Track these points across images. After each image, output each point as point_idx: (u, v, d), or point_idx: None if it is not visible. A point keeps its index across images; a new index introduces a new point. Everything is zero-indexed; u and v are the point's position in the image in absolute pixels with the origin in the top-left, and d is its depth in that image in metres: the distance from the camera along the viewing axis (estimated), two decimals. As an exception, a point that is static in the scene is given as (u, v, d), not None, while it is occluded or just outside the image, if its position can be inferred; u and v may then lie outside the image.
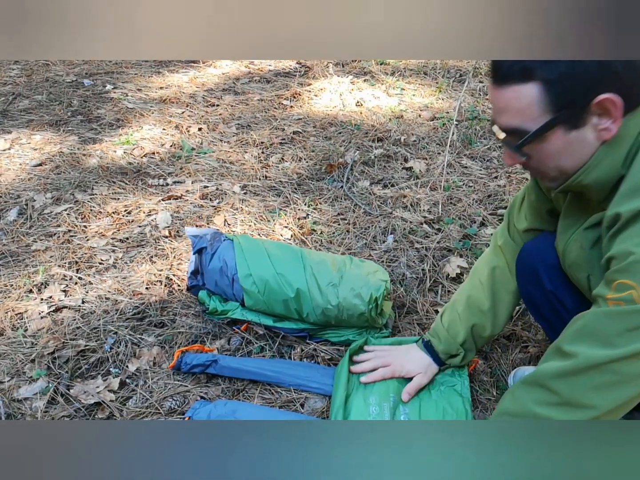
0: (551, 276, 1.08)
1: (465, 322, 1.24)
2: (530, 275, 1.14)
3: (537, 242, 1.15)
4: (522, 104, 0.82)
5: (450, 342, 1.26)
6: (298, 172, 2.29)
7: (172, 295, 1.62)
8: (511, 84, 0.82)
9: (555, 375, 0.82)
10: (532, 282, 1.14)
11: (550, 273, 1.08)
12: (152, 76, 3.26)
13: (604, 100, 0.78)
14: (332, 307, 1.40)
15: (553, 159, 0.87)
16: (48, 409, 1.27)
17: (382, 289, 1.42)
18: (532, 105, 0.81)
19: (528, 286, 1.16)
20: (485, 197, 2.14)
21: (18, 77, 3.16)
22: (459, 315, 1.26)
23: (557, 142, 0.84)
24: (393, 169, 2.35)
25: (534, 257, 1.13)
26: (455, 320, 1.26)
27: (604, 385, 0.78)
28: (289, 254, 1.49)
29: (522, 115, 0.83)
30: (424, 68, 3.41)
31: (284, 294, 1.41)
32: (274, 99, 2.97)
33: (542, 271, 1.10)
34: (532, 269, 1.13)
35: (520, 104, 0.82)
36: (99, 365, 1.40)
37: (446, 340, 1.27)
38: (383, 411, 1.21)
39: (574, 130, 0.82)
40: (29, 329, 1.49)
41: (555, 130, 0.83)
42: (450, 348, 1.27)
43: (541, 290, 1.12)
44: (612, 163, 0.84)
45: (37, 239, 1.84)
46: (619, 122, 0.81)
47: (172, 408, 1.28)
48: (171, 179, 2.21)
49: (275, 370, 1.34)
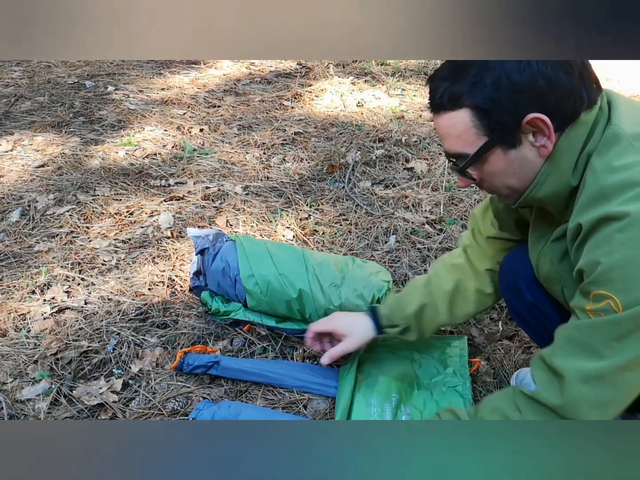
0: (531, 289, 1.09)
1: (420, 298, 1.21)
2: (512, 288, 1.15)
3: (516, 255, 1.15)
4: (458, 130, 0.85)
5: (396, 311, 1.22)
6: (299, 172, 2.29)
7: (174, 296, 1.62)
8: (444, 111, 0.86)
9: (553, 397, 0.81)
10: (514, 294, 1.14)
11: (530, 286, 1.09)
12: (154, 77, 3.26)
13: (533, 119, 0.81)
14: (334, 308, 1.40)
15: (499, 178, 0.90)
16: (51, 410, 1.27)
17: (385, 290, 1.42)
18: (467, 130, 0.85)
19: (511, 299, 1.17)
20: (486, 197, 2.14)
21: (20, 79, 3.16)
22: (417, 289, 1.23)
23: (498, 162, 0.87)
24: (394, 169, 2.35)
25: (514, 270, 1.14)
26: (411, 293, 1.23)
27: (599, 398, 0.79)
28: (291, 255, 1.49)
29: (461, 140, 0.86)
30: (425, 69, 3.41)
31: (287, 294, 1.41)
32: (275, 100, 2.97)
33: (522, 284, 1.11)
34: (513, 281, 1.14)
35: (457, 130, 0.86)
36: (101, 366, 1.40)
37: (392, 307, 1.23)
38: (384, 411, 1.21)
39: (512, 149, 0.85)
40: (32, 330, 1.49)
41: (494, 151, 0.86)
42: (394, 316, 1.22)
43: (523, 302, 1.12)
44: (560, 176, 0.86)
45: (39, 240, 1.85)
46: (553, 138, 0.83)
47: (175, 409, 1.28)
48: (173, 180, 2.21)
49: (277, 372, 1.34)
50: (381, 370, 1.33)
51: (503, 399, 0.90)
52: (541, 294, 1.07)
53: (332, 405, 1.30)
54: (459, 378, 1.32)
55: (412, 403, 1.26)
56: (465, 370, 1.34)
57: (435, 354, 1.40)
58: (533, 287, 1.08)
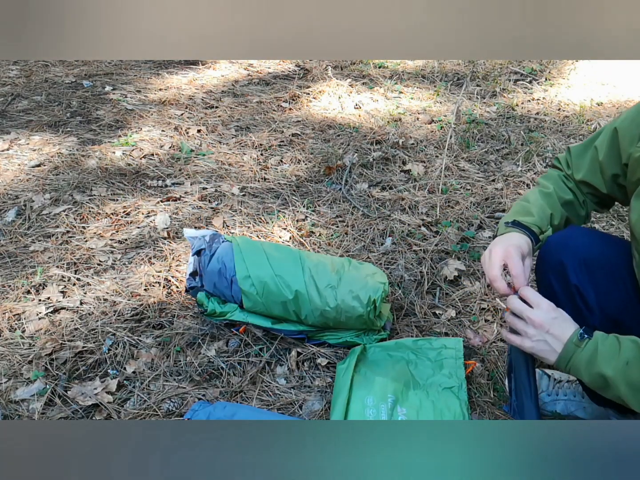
0: (578, 271, 1.06)
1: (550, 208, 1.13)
2: (555, 266, 1.10)
3: (568, 234, 1.12)
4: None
5: (543, 218, 1.13)
6: (297, 174, 2.30)
7: (170, 297, 1.62)
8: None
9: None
10: (557, 274, 1.10)
11: (578, 267, 1.06)
12: (151, 78, 3.26)
13: None
14: (330, 309, 1.40)
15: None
16: (45, 411, 1.27)
17: (381, 291, 1.42)
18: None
19: (550, 276, 1.11)
20: (482, 200, 2.15)
21: (17, 78, 3.16)
22: (541, 201, 1.14)
23: None
24: (391, 171, 2.35)
25: (562, 247, 1.10)
26: (537, 204, 1.14)
27: None
28: (288, 256, 1.49)
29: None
30: (422, 71, 3.42)
31: (283, 295, 1.41)
32: (273, 101, 2.97)
33: (570, 264, 1.07)
34: (558, 259, 1.09)
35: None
36: (96, 366, 1.40)
37: (538, 217, 1.12)
38: (380, 412, 1.21)
39: None
40: (27, 330, 1.48)
41: None
42: (543, 223, 1.12)
43: (564, 283, 1.09)
44: None
45: (35, 239, 1.84)
46: None
47: (170, 410, 1.28)
48: (170, 180, 2.21)
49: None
50: (377, 371, 1.33)
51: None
52: (588, 279, 1.05)
53: (327, 406, 1.30)
54: (454, 379, 1.32)
55: (408, 403, 1.26)
56: (460, 371, 1.35)
57: (431, 355, 1.40)
58: (580, 269, 1.06)
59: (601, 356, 0.91)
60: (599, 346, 0.92)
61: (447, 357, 1.39)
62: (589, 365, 0.92)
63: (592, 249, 1.08)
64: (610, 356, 0.90)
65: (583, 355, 0.93)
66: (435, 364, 1.38)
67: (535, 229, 1.10)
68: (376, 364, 1.37)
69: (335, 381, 1.32)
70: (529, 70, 3.40)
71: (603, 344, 0.92)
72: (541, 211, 1.12)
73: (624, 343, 0.91)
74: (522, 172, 2.33)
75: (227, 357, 1.43)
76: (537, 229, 1.10)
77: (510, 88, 3.18)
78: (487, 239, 1.92)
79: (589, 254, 1.06)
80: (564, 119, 2.83)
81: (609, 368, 0.90)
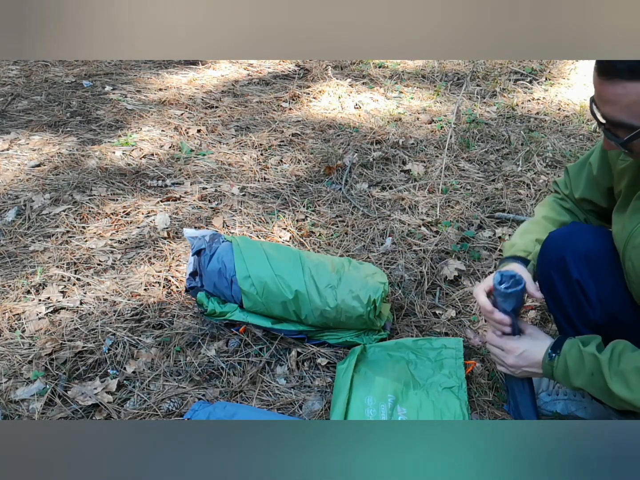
0: (580, 265, 1.08)
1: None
2: (557, 263, 1.11)
3: (569, 230, 1.14)
4: (630, 100, 0.82)
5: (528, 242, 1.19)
6: (297, 174, 2.30)
7: (170, 297, 1.62)
8: (620, 79, 0.82)
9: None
10: (558, 270, 1.11)
11: (580, 262, 1.07)
12: (151, 78, 3.26)
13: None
14: (330, 309, 1.40)
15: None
16: (45, 411, 1.27)
17: (381, 291, 1.42)
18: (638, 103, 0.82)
19: (551, 272, 1.13)
20: (482, 200, 2.15)
21: (17, 78, 3.16)
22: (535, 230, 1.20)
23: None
24: (391, 171, 2.35)
25: (563, 244, 1.11)
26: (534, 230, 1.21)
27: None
28: (288, 256, 1.49)
29: (629, 111, 0.84)
30: (422, 71, 3.42)
31: (283, 295, 1.41)
32: (273, 101, 2.97)
33: (571, 259, 1.09)
34: (560, 256, 1.11)
35: (629, 101, 0.82)
36: (96, 366, 1.40)
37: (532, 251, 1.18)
38: (380, 412, 1.21)
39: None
40: (27, 330, 1.48)
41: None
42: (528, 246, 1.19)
43: (566, 279, 1.10)
44: None
45: (35, 239, 1.84)
46: None
47: (170, 410, 1.28)
48: (170, 180, 2.21)
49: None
50: (377, 371, 1.33)
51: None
52: (589, 274, 1.06)
53: (327, 406, 1.30)
54: (454, 379, 1.32)
55: (408, 403, 1.26)
56: (461, 371, 1.35)
57: (431, 355, 1.40)
58: (582, 265, 1.07)
59: (571, 370, 1.01)
60: (567, 362, 1.02)
61: (447, 357, 1.39)
62: (565, 379, 1.03)
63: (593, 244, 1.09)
64: (577, 370, 1.00)
65: (558, 371, 1.03)
66: (435, 363, 1.38)
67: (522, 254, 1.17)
68: (376, 364, 1.37)
69: (335, 381, 1.32)
70: (529, 70, 3.40)
71: (570, 358, 1.01)
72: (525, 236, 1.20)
73: (586, 358, 0.99)
74: (522, 172, 2.33)
75: (227, 357, 1.44)
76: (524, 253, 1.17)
77: (510, 88, 3.18)
78: (487, 238, 1.92)
79: (590, 249, 1.08)
80: (564, 119, 2.83)
81: (579, 380, 1.00)
